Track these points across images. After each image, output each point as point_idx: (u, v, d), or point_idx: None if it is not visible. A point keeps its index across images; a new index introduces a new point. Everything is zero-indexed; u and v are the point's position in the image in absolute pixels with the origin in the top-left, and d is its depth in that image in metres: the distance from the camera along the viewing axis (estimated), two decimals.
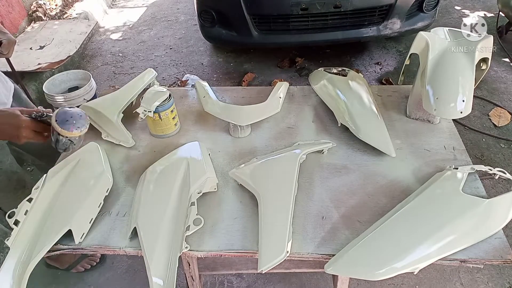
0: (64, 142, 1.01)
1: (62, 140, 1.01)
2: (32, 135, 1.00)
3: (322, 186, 1.10)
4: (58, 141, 1.01)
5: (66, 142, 1.02)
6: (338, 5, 2.64)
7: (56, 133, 0.99)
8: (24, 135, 0.98)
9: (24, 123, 0.98)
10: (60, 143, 1.01)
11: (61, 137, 1.00)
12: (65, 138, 1.00)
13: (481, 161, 2.22)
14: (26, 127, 0.98)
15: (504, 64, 3.05)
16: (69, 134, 0.99)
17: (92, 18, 4.15)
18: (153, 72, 1.54)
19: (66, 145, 1.03)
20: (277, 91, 1.42)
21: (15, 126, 0.97)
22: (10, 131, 0.97)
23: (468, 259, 0.89)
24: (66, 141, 1.01)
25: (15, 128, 0.97)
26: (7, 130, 0.97)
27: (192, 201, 1.00)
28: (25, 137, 0.99)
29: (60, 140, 1.01)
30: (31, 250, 0.91)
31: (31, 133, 1.00)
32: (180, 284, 1.66)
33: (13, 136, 0.98)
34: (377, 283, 1.66)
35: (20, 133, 0.98)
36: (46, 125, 1.02)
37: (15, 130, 0.97)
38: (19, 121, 0.97)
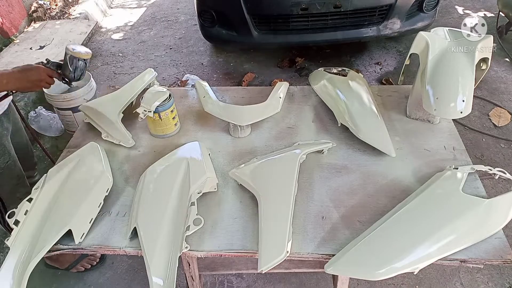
0: (81, 67, 1.29)
1: (81, 64, 1.28)
2: (48, 79, 1.24)
3: (322, 186, 1.10)
4: (77, 68, 1.27)
5: (83, 66, 1.29)
6: (338, 5, 2.64)
7: (75, 61, 1.26)
8: (43, 78, 1.22)
9: (41, 69, 1.22)
10: (79, 68, 1.28)
11: (80, 62, 1.27)
12: (82, 61, 1.28)
13: (481, 161, 2.22)
14: (44, 72, 1.22)
15: (504, 64, 3.05)
16: (85, 55, 1.27)
17: (92, 18, 4.15)
18: (153, 72, 1.54)
19: (82, 69, 1.29)
20: (277, 91, 1.42)
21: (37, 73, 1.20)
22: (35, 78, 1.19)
23: (468, 259, 0.89)
24: (82, 64, 1.28)
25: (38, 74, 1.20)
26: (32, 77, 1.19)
27: (192, 201, 1.00)
28: (44, 81, 1.22)
29: (79, 65, 1.28)
30: (31, 250, 0.91)
31: (47, 77, 1.23)
32: (180, 284, 1.66)
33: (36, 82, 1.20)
34: (377, 283, 1.66)
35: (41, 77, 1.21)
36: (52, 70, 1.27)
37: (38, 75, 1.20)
38: (38, 67, 1.21)
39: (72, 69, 1.27)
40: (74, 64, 1.26)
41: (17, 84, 1.16)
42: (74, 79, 1.30)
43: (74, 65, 1.26)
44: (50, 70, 1.25)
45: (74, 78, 1.30)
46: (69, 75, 1.29)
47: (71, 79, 1.30)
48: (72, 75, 1.28)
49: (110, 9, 4.73)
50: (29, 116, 2.51)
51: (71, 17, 4.08)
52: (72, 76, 1.29)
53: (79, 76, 1.30)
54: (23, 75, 1.17)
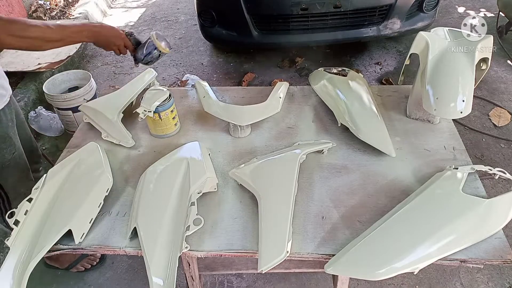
0: (154, 55, 1.32)
1: (155, 54, 1.31)
2: (122, 48, 1.29)
3: (322, 186, 1.10)
4: (150, 53, 1.30)
5: (155, 55, 1.31)
6: (338, 5, 2.64)
7: (152, 48, 1.29)
8: (118, 44, 1.27)
9: (122, 35, 1.27)
10: (150, 55, 1.31)
11: (155, 51, 1.30)
12: (157, 52, 1.30)
13: (481, 161, 2.22)
14: (122, 39, 1.27)
15: (504, 64, 3.05)
16: (163, 49, 1.30)
17: (92, 18, 4.14)
18: (153, 72, 1.54)
19: (154, 57, 1.32)
20: (277, 91, 1.42)
21: (117, 37, 1.26)
22: (113, 40, 1.25)
23: (468, 259, 0.89)
24: (156, 54, 1.31)
25: (116, 38, 1.26)
26: (111, 39, 1.25)
27: (192, 201, 1.00)
28: (117, 47, 1.28)
29: (154, 53, 1.30)
30: (31, 250, 0.91)
31: (122, 45, 1.28)
32: (180, 284, 1.66)
33: (112, 44, 1.26)
34: (377, 283, 1.66)
35: (116, 42, 1.26)
36: (130, 43, 1.30)
37: (116, 40, 1.26)
38: (119, 33, 1.27)
39: (145, 53, 1.30)
40: (149, 49, 1.29)
41: (95, 37, 1.22)
42: (141, 62, 1.34)
43: (149, 50, 1.29)
44: (128, 41, 1.29)
45: (142, 61, 1.33)
46: (140, 56, 1.32)
47: (139, 60, 1.34)
48: (142, 57, 1.32)
49: (110, 9, 4.72)
50: (29, 116, 2.51)
51: (71, 17, 4.07)
52: (141, 58, 1.32)
53: (148, 62, 1.33)
54: (103, 31, 1.22)
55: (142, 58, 1.32)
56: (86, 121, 1.38)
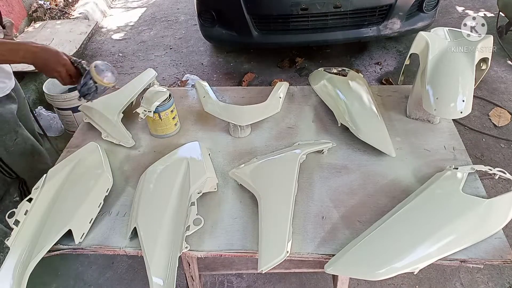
0: (90, 86, 1.11)
1: (90, 84, 1.11)
2: (65, 75, 1.12)
3: (322, 186, 1.10)
4: (86, 84, 1.11)
5: (92, 86, 1.11)
6: (338, 5, 2.64)
7: (88, 77, 1.10)
8: (60, 70, 1.10)
9: (65, 61, 1.10)
10: (87, 86, 1.11)
11: (91, 81, 1.10)
12: (93, 84, 1.11)
13: (481, 161, 2.22)
14: (65, 66, 1.10)
15: (504, 64, 3.05)
16: (99, 80, 1.10)
17: (92, 18, 4.14)
18: (153, 72, 1.54)
19: (90, 89, 1.12)
20: (277, 91, 1.42)
21: (57, 62, 1.09)
22: (52, 65, 1.09)
23: (468, 259, 0.89)
24: (92, 87, 1.11)
25: (57, 63, 1.09)
26: (50, 64, 1.09)
27: (192, 201, 1.00)
28: (59, 74, 1.11)
29: (89, 84, 1.11)
30: (31, 250, 0.91)
31: (65, 73, 1.11)
32: (180, 284, 1.66)
33: (51, 70, 1.10)
34: (377, 283, 1.66)
35: (59, 69, 1.10)
36: (76, 72, 1.13)
37: (56, 65, 1.09)
38: (62, 59, 1.10)
39: (82, 83, 1.12)
40: (86, 79, 1.11)
41: (32, 59, 1.08)
42: (80, 95, 1.14)
43: (85, 80, 1.11)
44: (73, 70, 1.12)
45: (79, 92, 1.14)
46: (78, 87, 1.14)
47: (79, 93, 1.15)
48: (79, 87, 1.13)
49: (110, 9, 4.73)
50: None
51: (71, 17, 4.07)
52: (79, 88, 1.13)
53: (84, 94, 1.13)
54: (42, 54, 1.08)
55: (80, 90, 1.13)
56: (86, 121, 1.38)
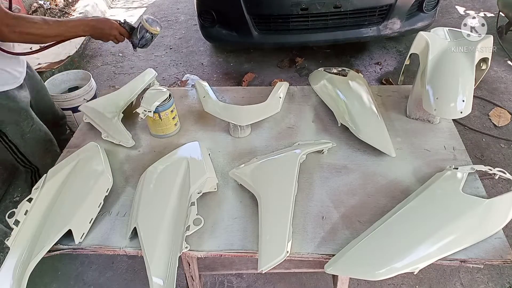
0: (147, 38, 1.38)
1: (147, 36, 1.37)
2: (118, 36, 1.34)
3: (322, 186, 1.10)
4: (143, 37, 1.37)
5: (149, 37, 1.38)
6: (338, 5, 2.64)
7: (143, 31, 1.35)
8: (114, 34, 1.33)
9: (115, 25, 1.32)
10: (144, 39, 1.38)
11: (147, 34, 1.36)
12: (149, 34, 1.37)
13: (481, 161, 2.22)
14: (116, 28, 1.33)
15: (504, 64, 3.05)
16: (154, 31, 1.36)
17: None
18: (153, 72, 1.54)
19: (147, 40, 1.39)
20: (277, 91, 1.42)
21: (110, 26, 1.31)
22: (108, 31, 1.31)
23: (468, 259, 0.89)
24: (149, 36, 1.38)
25: (111, 29, 1.31)
26: (106, 31, 1.30)
27: (192, 201, 1.00)
28: (114, 36, 1.33)
29: (146, 36, 1.37)
30: (31, 250, 0.91)
31: (117, 34, 1.34)
32: (180, 284, 1.66)
33: (108, 35, 1.32)
34: (377, 283, 1.66)
35: (112, 32, 1.32)
36: (125, 30, 1.36)
37: (111, 31, 1.31)
38: (112, 23, 1.32)
39: (139, 37, 1.36)
40: (142, 34, 1.35)
41: (91, 31, 1.28)
42: (138, 46, 1.40)
43: (142, 34, 1.36)
44: (122, 29, 1.34)
45: (138, 45, 1.39)
46: (135, 42, 1.38)
47: (135, 45, 1.40)
48: (137, 41, 1.38)
49: (110, 9, 4.72)
50: None
51: (71, 17, 4.08)
52: (137, 43, 1.38)
53: (143, 45, 1.39)
54: (98, 25, 1.28)
55: (138, 42, 1.38)
56: (86, 121, 1.38)
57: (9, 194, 2.18)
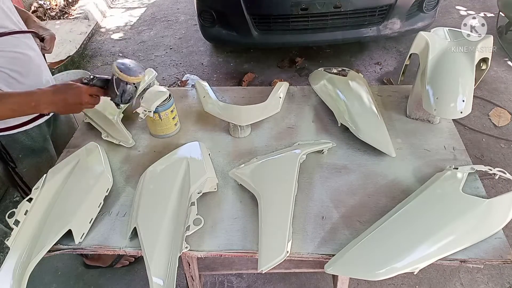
0: (130, 91, 1.05)
1: (129, 89, 1.04)
2: (90, 100, 1.04)
3: (322, 186, 1.10)
4: (125, 92, 1.04)
5: (132, 90, 1.05)
6: (338, 5, 2.64)
7: (122, 84, 1.02)
8: (85, 101, 1.02)
9: (83, 89, 1.01)
10: (127, 93, 1.04)
11: (128, 86, 1.03)
12: (131, 85, 1.03)
13: (481, 161, 2.22)
14: (85, 93, 1.01)
15: (504, 64, 3.05)
16: (135, 79, 1.02)
17: (92, 18, 4.14)
18: (153, 72, 1.54)
19: (131, 93, 1.06)
20: (277, 91, 1.42)
21: (77, 95, 1.00)
22: (73, 100, 1.00)
23: (468, 259, 0.89)
24: (132, 88, 1.05)
25: (77, 96, 1.00)
26: (71, 100, 1.00)
27: (192, 201, 1.00)
28: (86, 103, 1.03)
29: (128, 89, 1.03)
30: (31, 250, 0.91)
31: (90, 98, 1.03)
32: (180, 284, 1.66)
33: (75, 105, 1.02)
34: (377, 283, 1.66)
35: (82, 100, 1.01)
36: (97, 88, 1.05)
37: (78, 98, 1.00)
38: (78, 89, 1.00)
39: (118, 93, 1.04)
40: (121, 87, 1.03)
41: (51, 107, 0.99)
42: (121, 103, 1.08)
43: (121, 88, 1.03)
44: (94, 89, 1.04)
45: (121, 102, 1.07)
46: (115, 99, 1.06)
47: (117, 103, 1.08)
48: (118, 98, 1.05)
49: (110, 9, 4.72)
50: None
51: (71, 17, 4.08)
52: (119, 100, 1.06)
53: (128, 100, 1.07)
54: (59, 98, 0.99)
55: (120, 99, 1.06)
56: (86, 121, 1.38)
57: (9, 194, 2.18)
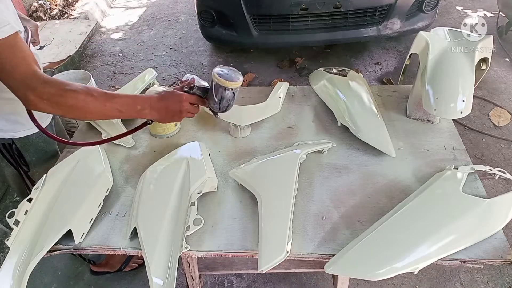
0: (228, 97, 1.03)
1: (228, 95, 1.02)
2: (191, 108, 1.03)
3: (322, 186, 1.10)
4: (223, 98, 1.02)
5: (230, 96, 1.03)
6: (338, 5, 2.64)
7: (221, 90, 1.00)
8: (185, 108, 1.01)
9: (183, 97, 1.00)
10: (225, 99, 1.02)
11: (227, 92, 1.01)
12: (229, 91, 1.01)
13: (481, 161, 2.22)
14: (186, 101, 1.01)
15: (504, 64, 3.05)
16: (234, 84, 1.00)
17: (92, 18, 4.14)
18: (153, 72, 1.54)
19: (229, 100, 1.04)
20: (277, 91, 1.42)
21: (178, 102, 0.99)
22: (174, 108, 1.00)
23: (468, 259, 0.89)
24: (230, 94, 1.02)
25: (178, 104, 0.99)
26: (172, 107, 0.99)
27: (192, 201, 1.00)
28: (186, 111, 1.02)
29: (226, 95, 1.02)
30: (31, 250, 0.91)
31: (190, 106, 1.02)
32: (180, 284, 1.66)
33: (176, 113, 1.01)
34: (377, 283, 1.66)
35: (182, 108, 1.00)
36: (197, 97, 1.05)
37: (179, 106, 1.00)
38: (180, 97, 1.00)
39: (217, 100, 1.02)
40: (220, 93, 1.01)
41: (154, 113, 0.97)
42: (219, 111, 1.06)
43: (220, 95, 1.01)
44: (194, 97, 1.03)
45: (219, 110, 1.05)
46: (214, 106, 1.04)
47: (215, 110, 1.07)
48: (217, 106, 1.04)
49: (110, 9, 4.72)
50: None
51: (71, 17, 4.08)
52: (217, 107, 1.04)
53: (226, 107, 1.05)
54: (163, 104, 0.97)
55: (218, 106, 1.04)
56: (86, 121, 1.38)
57: (9, 194, 2.18)
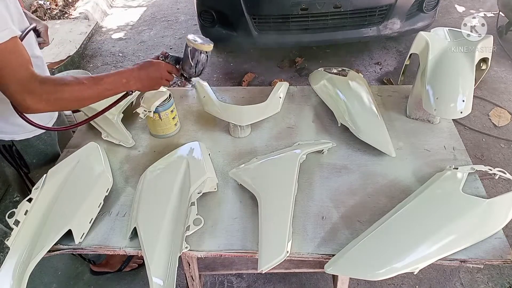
0: (203, 60, 1.12)
1: (203, 58, 1.11)
2: (168, 76, 1.11)
3: (322, 186, 1.10)
4: (198, 62, 1.11)
5: (204, 59, 1.12)
6: (338, 5, 2.64)
7: (197, 54, 1.10)
8: (164, 75, 1.09)
9: (162, 64, 1.08)
10: (200, 62, 1.12)
11: (202, 55, 1.10)
12: (204, 54, 1.11)
13: (481, 161, 2.22)
14: (164, 69, 1.09)
15: (504, 64, 3.05)
16: (209, 47, 1.10)
17: (92, 18, 4.14)
18: None
19: (204, 63, 1.13)
20: (277, 91, 1.42)
21: (157, 70, 1.07)
22: (155, 75, 1.07)
23: (468, 259, 0.89)
24: (205, 57, 1.12)
25: (158, 71, 1.07)
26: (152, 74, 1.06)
27: (192, 201, 1.00)
28: (165, 78, 1.10)
29: (202, 58, 1.11)
30: (31, 250, 0.91)
31: (167, 74, 1.10)
32: (180, 284, 1.66)
33: (156, 80, 1.08)
34: (377, 283, 1.66)
35: (161, 75, 1.08)
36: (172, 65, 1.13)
37: (158, 73, 1.07)
38: (158, 65, 1.08)
39: (193, 64, 1.11)
40: (196, 57, 1.10)
41: (138, 83, 1.04)
42: (194, 75, 1.15)
43: (196, 58, 1.10)
44: (169, 66, 1.12)
45: (194, 73, 1.14)
46: (190, 70, 1.13)
47: (191, 75, 1.15)
48: (193, 70, 1.12)
49: (110, 9, 4.72)
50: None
51: (71, 17, 4.08)
52: (193, 71, 1.13)
53: (200, 71, 1.14)
54: (144, 73, 1.05)
55: (194, 70, 1.12)
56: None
57: (9, 194, 2.18)
